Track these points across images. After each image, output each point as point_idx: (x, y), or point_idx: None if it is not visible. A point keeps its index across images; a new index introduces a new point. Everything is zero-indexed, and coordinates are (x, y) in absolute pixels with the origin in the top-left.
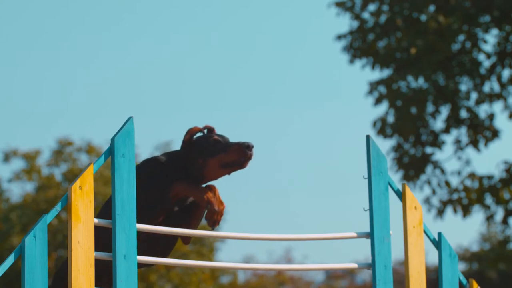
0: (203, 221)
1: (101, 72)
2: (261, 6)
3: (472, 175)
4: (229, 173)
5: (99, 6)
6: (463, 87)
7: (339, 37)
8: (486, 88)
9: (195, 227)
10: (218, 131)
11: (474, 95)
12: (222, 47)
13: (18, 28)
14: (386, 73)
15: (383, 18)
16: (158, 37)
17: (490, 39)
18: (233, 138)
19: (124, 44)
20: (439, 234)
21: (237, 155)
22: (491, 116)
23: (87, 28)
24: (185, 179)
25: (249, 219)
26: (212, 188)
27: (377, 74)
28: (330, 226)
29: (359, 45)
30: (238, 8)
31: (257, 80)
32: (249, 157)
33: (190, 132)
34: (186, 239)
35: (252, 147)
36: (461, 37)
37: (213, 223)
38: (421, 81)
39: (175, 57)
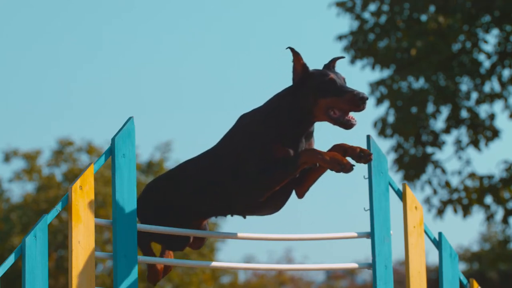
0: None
1: (101, 72)
2: (261, 6)
3: (472, 175)
4: (330, 121)
5: (98, 6)
6: (464, 87)
7: (340, 37)
8: (487, 88)
9: (307, 188)
10: (218, 131)
11: (474, 95)
12: (221, 47)
13: (18, 28)
14: (386, 73)
15: (383, 18)
16: (158, 36)
17: (491, 39)
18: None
19: (124, 44)
20: (440, 234)
21: (348, 105)
22: (492, 116)
23: (86, 28)
24: (311, 148)
25: (249, 219)
26: (340, 149)
27: (378, 74)
28: (330, 226)
29: (360, 46)
30: (238, 8)
31: (257, 80)
32: (361, 109)
33: (301, 61)
34: (301, 192)
35: (366, 99)
36: (462, 37)
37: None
38: (421, 82)
39: (175, 57)
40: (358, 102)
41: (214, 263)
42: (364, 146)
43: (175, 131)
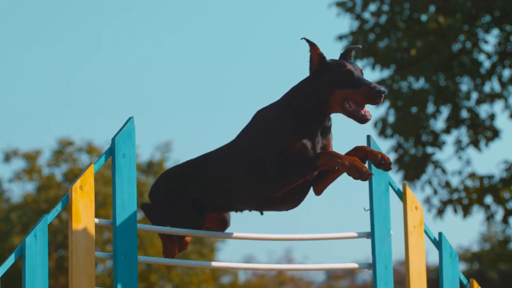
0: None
1: (101, 72)
2: (261, 6)
3: (472, 175)
4: (345, 114)
5: (98, 6)
6: (464, 87)
7: (340, 37)
8: (487, 88)
9: (326, 186)
10: (218, 131)
11: (474, 95)
12: (221, 47)
13: (18, 27)
14: (386, 73)
15: (383, 19)
16: (158, 36)
17: (491, 39)
18: (232, 137)
19: (124, 44)
20: (440, 234)
21: (364, 98)
22: (492, 116)
23: (86, 28)
24: (331, 150)
25: (249, 219)
26: (361, 151)
27: (378, 74)
28: (330, 226)
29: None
30: (238, 8)
31: (257, 80)
32: (377, 103)
33: (317, 51)
34: (319, 190)
35: (383, 92)
36: (462, 37)
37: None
38: (421, 82)
39: (175, 57)
40: (374, 95)
41: (214, 263)
42: None
43: (175, 131)
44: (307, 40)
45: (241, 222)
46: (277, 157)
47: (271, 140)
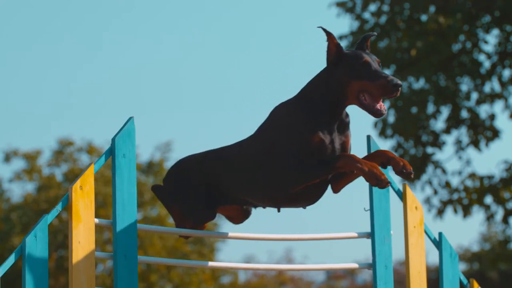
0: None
1: (101, 72)
2: (261, 6)
3: (472, 175)
4: (360, 106)
5: (98, 6)
6: (464, 88)
7: (340, 37)
8: (487, 88)
9: (344, 186)
10: (218, 131)
11: (474, 95)
12: (221, 47)
13: (18, 27)
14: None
15: (383, 19)
16: (158, 36)
17: (491, 39)
18: (232, 139)
19: (124, 44)
20: (440, 234)
21: (380, 90)
22: (492, 116)
23: (86, 28)
24: (351, 154)
25: (249, 219)
26: (383, 156)
27: None
28: (330, 226)
29: None
30: (238, 8)
31: (257, 80)
32: (394, 96)
33: (334, 41)
34: (337, 188)
35: (400, 85)
36: (462, 38)
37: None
38: (421, 82)
39: (175, 57)
40: (391, 89)
41: (214, 263)
42: (364, 146)
43: (175, 131)
44: (324, 30)
45: None
46: (294, 155)
47: (288, 139)
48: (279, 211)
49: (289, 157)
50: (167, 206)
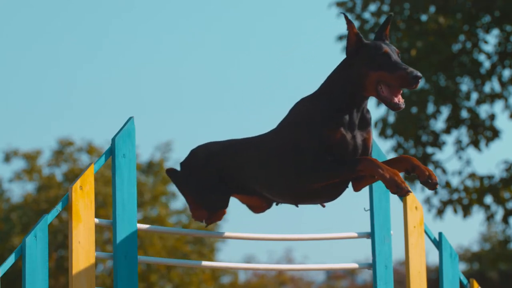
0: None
1: (101, 72)
2: (261, 6)
3: (472, 175)
4: (378, 98)
5: (98, 6)
6: (464, 88)
7: (340, 37)
8: (487, 88)
9: (365, 185)
10: (218, 131)
11: (474, 95)
12: (221, 47)
13: (18, 27)
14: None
15: (383, 19)
16: (158, 36)
17: (491, 39)
18: (232, 137)
19: (124, 44)
20: (440, 234)
21: (399, 82)
22: (492, 116)
23: (86, 28)
24: (374, 158)
25: (249, 219)
26: (407, 163)
27: None
28: (330, 226)
29: None
30: (238, 8)
31: (257, 80)
32: (413, 88)
33: (354, 30)
34: (358, 187)
35: (420, 77)
36: (462, 38)
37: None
38: (421, 82)
39: (175, 57)
40: (411, 80)
41: (214, 263)
42: None
43: (175, 131)
44: (346, 17)
45: (241, 222)
46: (316, 151)
47: (309, 135)
48: (297, 206)
49: (310, 154)
50: (181, 191)
